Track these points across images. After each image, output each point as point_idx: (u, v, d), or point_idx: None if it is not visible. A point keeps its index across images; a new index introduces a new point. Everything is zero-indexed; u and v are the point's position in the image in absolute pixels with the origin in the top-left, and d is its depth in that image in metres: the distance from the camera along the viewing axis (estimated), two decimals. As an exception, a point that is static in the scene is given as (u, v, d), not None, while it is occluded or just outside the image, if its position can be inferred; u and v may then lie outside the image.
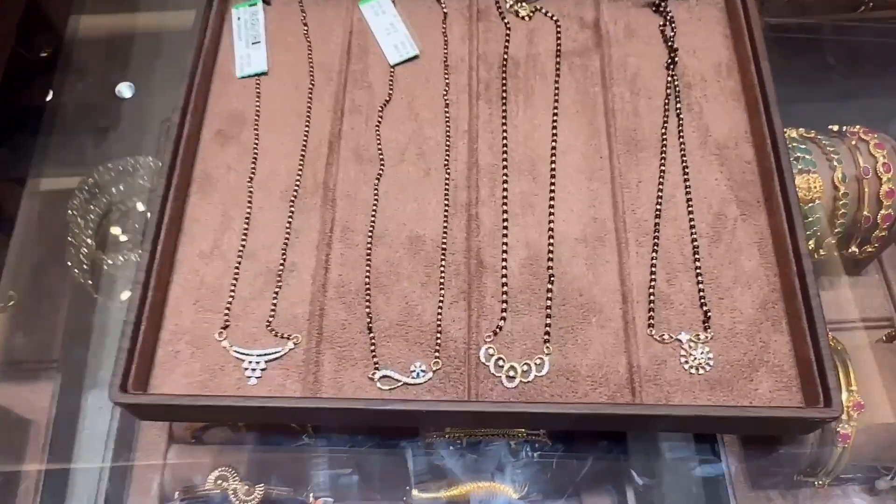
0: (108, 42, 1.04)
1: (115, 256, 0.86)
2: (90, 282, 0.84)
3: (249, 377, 0.60)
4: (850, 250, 0.82)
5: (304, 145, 0.71)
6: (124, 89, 0.98)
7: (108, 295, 0.84)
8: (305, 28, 0.78)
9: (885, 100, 0.96)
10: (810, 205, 0.79)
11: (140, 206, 0.90)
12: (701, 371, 0.60)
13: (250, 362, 0.61)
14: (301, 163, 0.70)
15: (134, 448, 0.74)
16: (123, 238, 0.88)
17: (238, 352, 0.61)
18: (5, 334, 0.84)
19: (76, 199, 0.86)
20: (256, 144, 0.71)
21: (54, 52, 1.00)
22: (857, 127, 0.83)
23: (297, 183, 0.69)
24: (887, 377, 0.73)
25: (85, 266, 0.85)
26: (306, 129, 0.72)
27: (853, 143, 0.81)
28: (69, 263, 0.84)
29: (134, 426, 0.75)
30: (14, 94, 0.91)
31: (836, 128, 0.84)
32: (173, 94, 0.85)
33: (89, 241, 0.86)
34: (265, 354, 0.61)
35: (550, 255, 0.65)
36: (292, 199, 0.68)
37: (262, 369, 0.61)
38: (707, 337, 0.62)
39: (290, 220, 0.67)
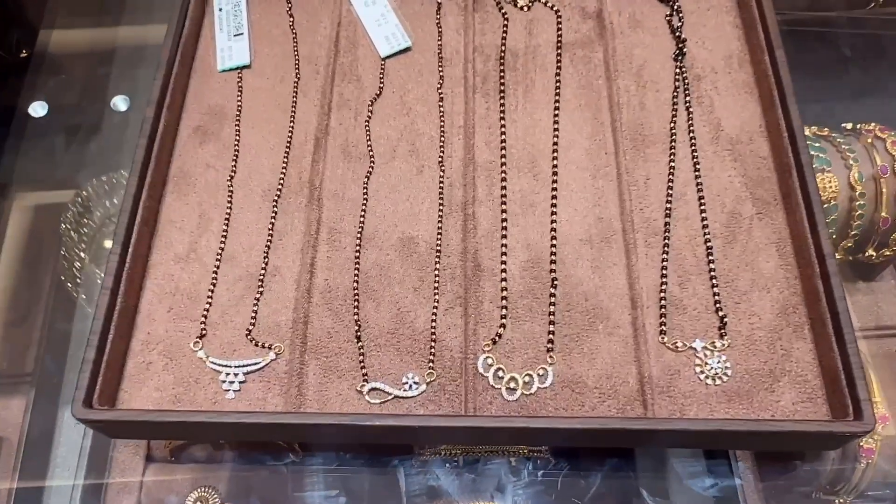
0: (102, 55, 1.03)
1: None
2: (83, 296, 0.84)
3: (227, 390, 0.58)
4: (866, 254, 0.80)
5: (289, 142, 0.69)
6: (119, 102, 0.97)
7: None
8: (291, 19, 0.76)
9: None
10: (826, 206, 0.77)
11: None
12: (717, 381, 0.58)
13: (228, 374, 0.58)
14: (285, 160, 0.68)
15: (109, 466, 0.72)
16: None
17: (215, 363, 0.59)
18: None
19: (69, 213, 0.86)
20: (238, 141, 0.69)
21: (33, 59, 0.99)
22: (873, 124, 0.81)
23: (281, 182, 0.66)
24: None
25: (78, 280, 0.85)
26: (291, 124, 0.70)
27: (869, 140, 0.79)
28: (62, 277, 0.84)
29: (109, 443, 0.72)
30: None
31: (849, 125, 0.83)
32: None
33: (83, 254, 0.86)
34: (244, 366, 0.59)
35: (553, 258, 0.63)
36: (275, 198, 0.66)
37: (241, 382, 0.58)
38: (723, 345, 0.60)
39: (273, 221, 0.65)
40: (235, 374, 0.58)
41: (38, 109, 0.92)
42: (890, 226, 0.77)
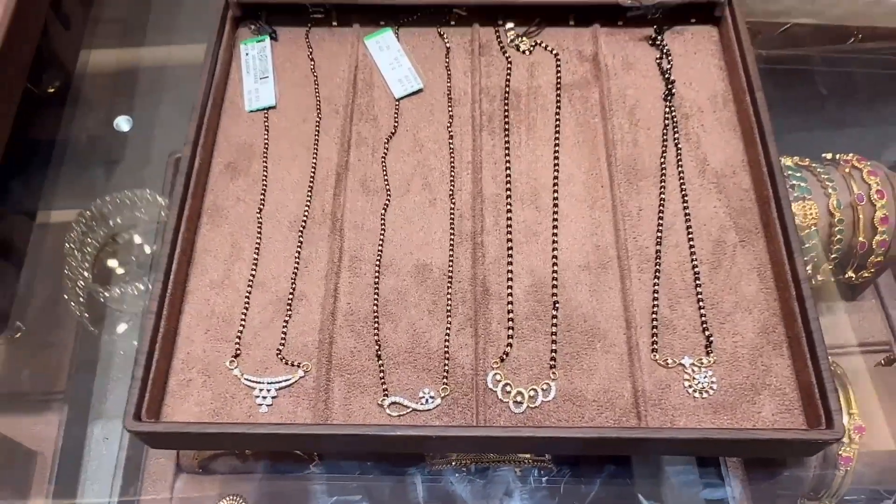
0: (108, 75, 1.06)
1: (112, 289, 0.86)
2: (86, 315, 0.85)
3: (260, 405, 0.61)
4: (846, 275, 0.84)
5: (312, 177, 0.73)
6: (122, 123, 1.00)
7: (103, 327, 0.85)
8: (312, 63, 0.80)
9: (877, 128, 0.98)
10: (806, 231, 0.80)
11: (137, 239, 0.92)
12: (704, 395, 0.61)
13: (261, 390, 0.62)
14: (309, 194, 0.71)
15: (141, 479, 0.74)
16: (120, 271, 0.90)
17: (249, 380, 0.62)
18: (12, 365, 0.85)
19: (73, 232, 0.87)
20: (265, 176, 0.73)
21: (61, 86, 1.02)
22: (851, 155, 0.85)
23: (306, 213, 0.70)
24: (886, 400, 0.74)
25: (81, 299, 0.86)
26: (314, 160, 0.74)
27: (847, 170, 0.83)
28: (65, 297, 0.85)
29: (141, 456, 0.76)
30: (22, 128, 0.92)
31: (829, 156, 0.86)
32: (172, 127, 0.87)
33: (86, 273, 0.87)
34: (275, 382, 0.62)
35: (555, 282, 0.66)
36: (301, 229, 0.69)
37: (273, 397, 0.61)
38: (710, 361, 0.63)
39: (299, 249, 0.68)
40: (268, 390, 0.61)
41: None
42: (866, 249, 0.81)
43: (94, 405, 0.80)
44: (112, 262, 0.90)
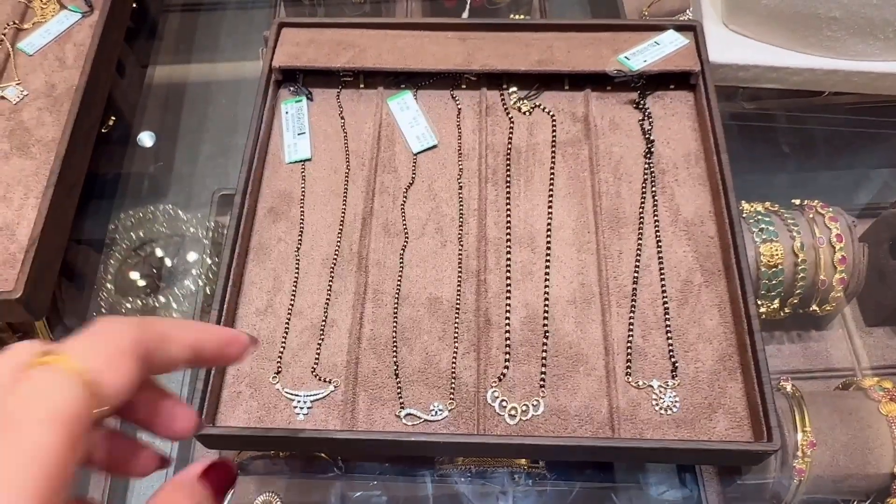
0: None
1: (134, 301, 0.93)
2: None
3: (298, 414, 0.69)
4: (811, 309, 0.91)
5: (342, 221, 0.80)
6: (145, 138, 1.06)
7: None
8: (342, 121, 0.87)
9: (841, 177, 1.08)
10: (773, 269, 0.89)
11: (159, 252, 0.98)
12: (669, 412, 0.68)
13: (298, 402, 0.69)
14: (339, 235, 0.79)
15: None
16: (142, 283, 0.96)
17: (289, 393, 0.70)
18: None
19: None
20: (302, 219, 0.80)
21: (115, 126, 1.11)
22: (816, 201, 0.92)
23: (336, 252, 0.78)
24: (840, 419, 0.81)
25: (104, 311, 0.91)
26: (343, 206, 0.81)
27: (811, 215, 0.89)
28: (89, 310, 0.90)
29: (187, 460, 0.86)
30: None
31: (797, 202, 0.93)
32: (192, 147, 0.91)
33: (109, 285, 0.93)
34: (311, 395, 0.69)
35: (546, 315, 0.73)
36: (332, 266, 0.77)
37: (309, 408, 0.69)
38: (675, 384, 0.70)
39: (331, 283, 0.76)
40: (304, 402, 0.69)
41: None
42: (827, 286, 0.88)
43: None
44: (134, 275, 0.96)
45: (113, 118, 1.08)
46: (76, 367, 0.30)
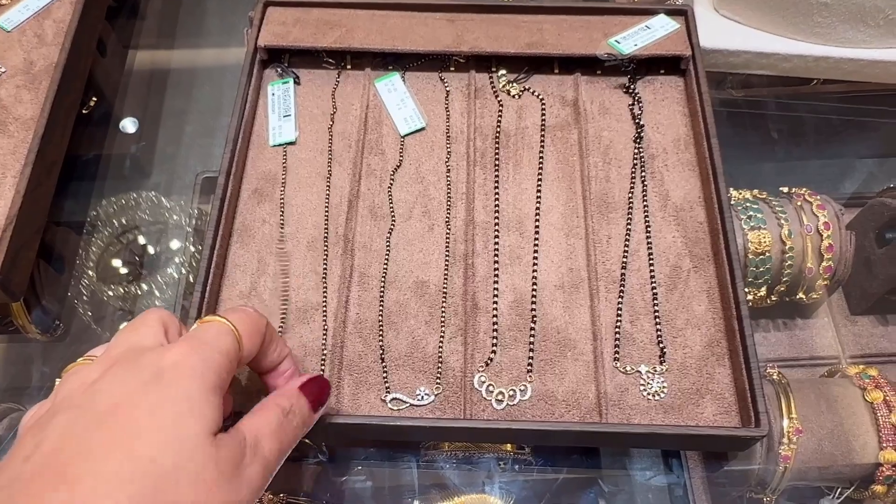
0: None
1: (116, 288, 0.92)
2: (90, 313, 0.90)
3: None
4: (798, 297, 0.91)
5: (327, 203, 0.79)
6: (128, 124, 1.04)
7: (106, 325, 0.91)
8: (330, 102, 0.86)
9: (829, 165, 1.08)
10: (761, 257, 0.89)
11: (141, 240, 0.97)
12: (657, 397, 0.68)
13: None
14: (325, 218, 0.78)
15: None
16: (123, 270, 0.95)
17: None
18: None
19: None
20: (286, 202, 0.80)
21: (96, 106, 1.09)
22: (804, 189, 0.92)
23: (324, 235, 0.77)
24: (825, 406, 0.82)
25: (85, 297, 0.91)
26: (328, 189, 0.79)
27: (799, 203, 0.90)
28: (69, 294, 0.90)
29: None
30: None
31: (785, 189, 0.94)
32: (176, 129, 0.90)
33: (90, 272, 0.92)
34: None
35: (534, 299, 0.73)
36: (317, 248, 0.76)
37: None
38: (663, 369, 0.69)
39: (317, 266, 0.75)
40: None
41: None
42: (814, 274, 0.89)
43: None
44: (116, 262, 0.95)
45: (94, 98, 1.07)
46: (232, 327, 0.50)
